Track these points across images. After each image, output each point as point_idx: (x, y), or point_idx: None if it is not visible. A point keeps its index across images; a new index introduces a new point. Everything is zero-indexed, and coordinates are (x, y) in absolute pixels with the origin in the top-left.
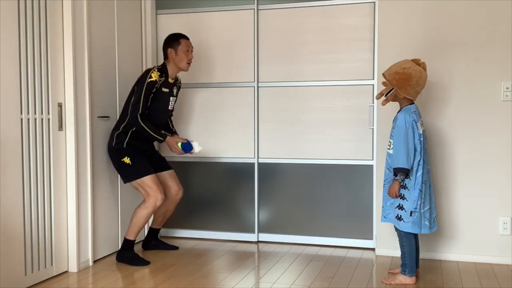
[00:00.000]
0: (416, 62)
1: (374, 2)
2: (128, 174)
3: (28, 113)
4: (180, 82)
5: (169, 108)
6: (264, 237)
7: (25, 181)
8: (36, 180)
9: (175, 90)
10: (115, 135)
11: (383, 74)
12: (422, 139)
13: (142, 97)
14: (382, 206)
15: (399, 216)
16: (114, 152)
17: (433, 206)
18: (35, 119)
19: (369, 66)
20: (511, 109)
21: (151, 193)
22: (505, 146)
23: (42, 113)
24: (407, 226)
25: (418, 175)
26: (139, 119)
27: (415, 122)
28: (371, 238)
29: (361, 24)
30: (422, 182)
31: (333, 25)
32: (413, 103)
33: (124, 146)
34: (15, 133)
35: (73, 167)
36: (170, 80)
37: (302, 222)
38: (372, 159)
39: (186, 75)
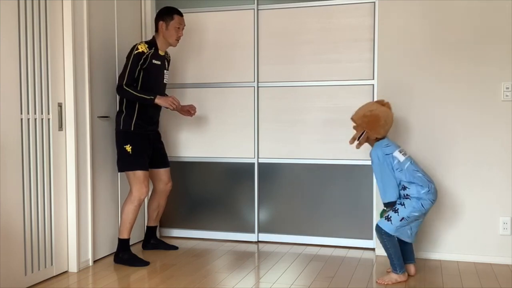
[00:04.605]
0: (381, 103)
1: (374, 2)
2: (124, 163)
3: (28, 113)
4: (169, 56)
5: (164, 81)
6: (264, 237)
7: (25, 181)
8: (36, 180)
9: (166, 64)
10: (121, 118)
11: (351, 119)
12: (408, 164)
13: (128, 68)
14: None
15: (388, 216)
16: (121, 135)
17: (421, 223)
18: (35, 119)
19: (369, 66)
20: (511, 109)
21: (137, 187)
22: (505, 146)
23: (42, 113)
24: (391, 228)
25: (428, 193)
26: (124, 87)
27: (388, 155)
28: (371, 238)
29: (361, 24)
30: (430, 200)
31: (333, 25)
32: (384, 137)
33: (132, 128)
34: (15, 133)
35: (73, 167)
36: (161, 53)
37: (302, 222)
38: None
39: (186, 75)
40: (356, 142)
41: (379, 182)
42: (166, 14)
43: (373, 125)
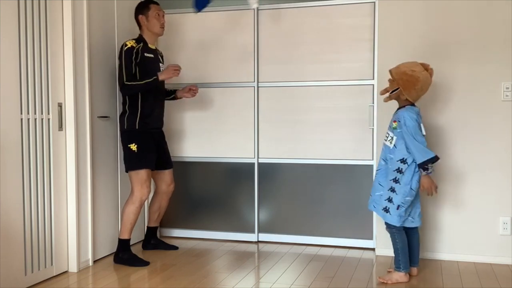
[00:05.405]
0: (425, 67)
1: (374, 2)
2: (130, 162)
3: (28, 113)
4: (161, 52)
5: None
6: (264, 237)
7: (25, 181)
8: (36, 180)
9: (160, 58)
10: (125, 118)
11: (390, 71)
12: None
13: (123, 66)
14: (370, 195)
15: (386, 208)
16: (126, 134)
17: (418, 203)
18: (35, 119)
19: (369, 66)
20: (511, 109)
21: (138, 187)
22: (505, 146)
23: (42, 113)
24: (393, 219)
25: (416, 173)
26: (126, 83)
27: (418, 123)
28: (371, 238)
29: (361, 24)
30: (417, 181)
31: (333, 25)
32: (415, 105)
33: (137, 127)
34: (15, 133)
35: (73, 167)
36: (151, 46)
37: (302, 222)
38: (372, 159)
39: (186, 75)
40: (386, 95)
41: (413, 144)
42: (142, 8)
43: (409, 85)
